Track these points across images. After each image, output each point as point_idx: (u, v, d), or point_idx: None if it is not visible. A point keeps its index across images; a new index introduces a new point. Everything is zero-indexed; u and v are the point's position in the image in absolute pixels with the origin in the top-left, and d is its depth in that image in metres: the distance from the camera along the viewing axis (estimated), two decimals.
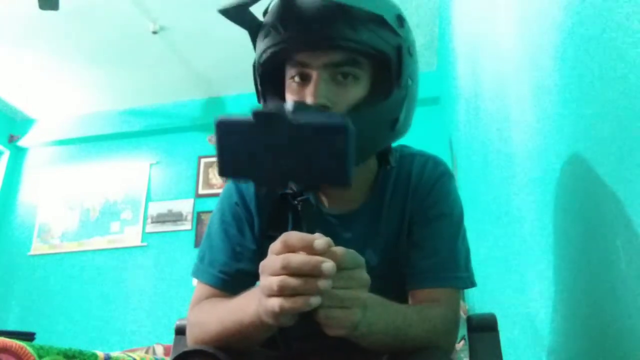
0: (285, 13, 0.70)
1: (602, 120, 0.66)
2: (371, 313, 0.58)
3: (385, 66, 0.73)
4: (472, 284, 0.80)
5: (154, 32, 3.56)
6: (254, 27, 0.76)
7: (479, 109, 1.82)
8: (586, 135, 0.73)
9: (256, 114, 0.52)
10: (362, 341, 0.62)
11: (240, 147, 0.53)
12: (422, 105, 3.95)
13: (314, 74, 0.71)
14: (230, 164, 0.54)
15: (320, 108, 0.69)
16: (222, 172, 0.55)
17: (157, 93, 4.37)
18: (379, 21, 0.71)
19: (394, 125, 0.74)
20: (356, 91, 0.72)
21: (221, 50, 3.80)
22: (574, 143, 0.78)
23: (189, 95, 4.43)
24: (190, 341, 0.75)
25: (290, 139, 0.52)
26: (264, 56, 0.73)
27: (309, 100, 0.70)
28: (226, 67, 4.02)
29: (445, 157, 3.24)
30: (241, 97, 4.33)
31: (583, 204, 0.76)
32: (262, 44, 0.73)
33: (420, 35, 3.71)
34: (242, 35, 0.79)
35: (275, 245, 0.54)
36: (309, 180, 0.54)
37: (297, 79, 0.73)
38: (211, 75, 4.15)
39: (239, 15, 0.74)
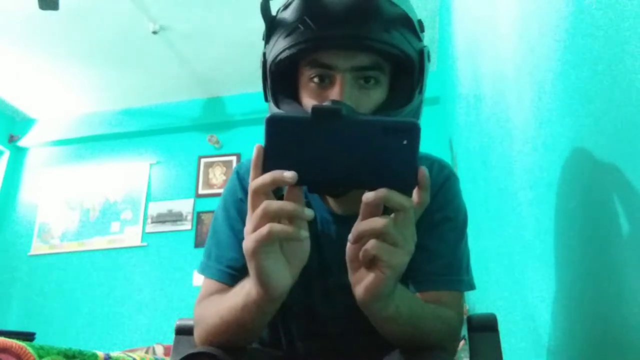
0: (316, 10, 0.67)
1: (602, 118, 0.66)
2: (400, 295, 0.58)
3: (405, 71, 0.72)
4: (472, 287, 0.81)
5: (154, 32, 3.56)
6: (269, 20, 0.73)
7: (479, 109, 1.82)
8: (586, 134, 0.73)
9: (316, 110, 0.48)
10: (387, 325, 0.61)
11: (292, 147, 0.49)
12: (423, 105, 3.94)
13: (339, 77, 0.68)
14: (279, 165, 0.49)
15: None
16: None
17: (157, 93, 4.37)
18: (408, 24, 0.70)
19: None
20: (378, 95, 0.71)
21: (221, 50, 3.80)
22: (574, 142, 0.78)
23: (189, 95, 4.43)
24: (196, 339, 0.75)
25: (353, 138, 0.48)
26: (286, 54, 0.69)
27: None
28: (226, 67, 4.02)
29: (445, 157, 3.25)
30: (241, 97, 4.33)
31: (583, 203, 0.76)
32: (283, 41, 0.70)
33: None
34: (242, 35, 0.79)
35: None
36: (370, 182, 0.50)
37: (316, 80, 0.70)
38: (211, 75, 4.15)
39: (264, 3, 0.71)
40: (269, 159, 0.50)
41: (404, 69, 0.72)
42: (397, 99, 0.72)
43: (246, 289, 0.59)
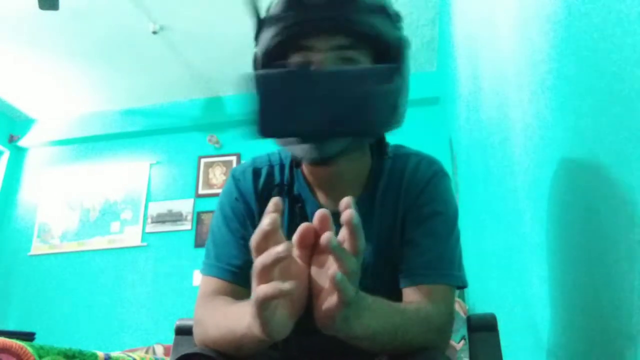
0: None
1: (601, 119, 0.66)
2: (369, 314, 0.58)
3: (384, 56, 0.75)
4: (464, 283, 0.80)
5: (154, 32, 3.56)
6: (257, 22, 0.77)
7: (479, 108, 1.82)
8: (586, 134, 0.73)
9: (301, 63, 0.51)
10: (361, 342, 0.62)
11: (282, 100, 0.51)
12: (422, 105, 3.97)
13: (319, 57, 0.72)
14: (271, 120, 0.51)
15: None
16: (264, 132, 0.52)
17: (157, 93, 4.37)
18: (382, 12, 0.75)
19: (394, 112, 0.75)
20: None
21: (221, 50, 3.80)
22: (574, 142, 0.78)
23: (189, 95, 4.43)
24: (195, 339, 0.76)
25: (336, 87, 0.51)
26: (272, 42, 0.74)
27: None
28: (226, 67, 4.02)
29: (445, 157, 3.25)
30: (241, 97, 4.33)
31: (583, 203, 0.76)
32: (269, 31, 0.74)
33: (420, 35, 3.70)
34: (242, 35, 0.80)
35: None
36: (356, 127, 0.53)
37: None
38: (211, 75, 4.15)
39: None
40: (261, 114, 0.51)
41: (385, 56, 0.76)
42: None
43: (247, 322, 0.57)
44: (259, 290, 0.50)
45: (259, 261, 0.51)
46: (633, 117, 0.56)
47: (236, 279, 0.80)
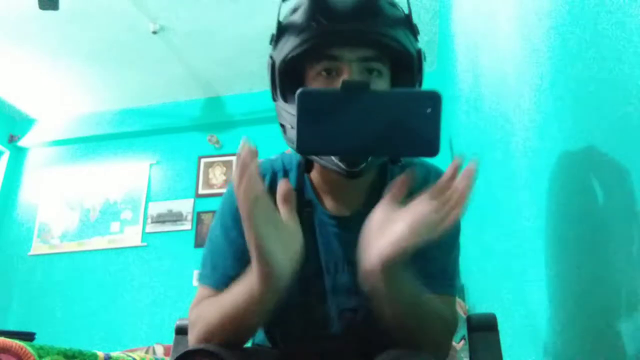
0: (326, 9, 0.72)
1: (601, 119, 0.66)
2: (405, 279, 0.62)
3: (404, 69, 0.76)
4: (458, 291, 0.83)
5: (154, 32, 3.56)
6: (277, 25, 0.77)
7: (479, 108, 1.82)
8: (585, 134, 0.73)
9: (345, 84, 0.51)
10: (386, 305, 0.64)
11: (323, 119, 0.51)
12: None
13: (346, 67, 0.72)
14: (310, 137, 0.52)
15: None
16: (302, 148, 0.53)
17: (157, 93, 4.37)
18: (406, 25, 0.76)
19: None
20: (381, 87, 0.75)
21: (221, 50, 3.80)
22: (574, 142, 0.78)
23: (189, 95, 4.43)
24: (192, 340, 0.75)
25: (380, 108, 0.51)
26: (296, 51, 0.73)
27: None
28: (226, 67, 4.02)
29: (445, 157, 3.24)
30: (241, 97, 4.33)
31: (583, 203, 0.76)
32: (295, 39, 0.74)
33: (420, 35, 3.69)
34: (242, 35, 0.79)
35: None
36: (396, 150, 0.54)
37: (324, 73, 0.74)
38: (211, 75, 4.15)
39: None
40: (302, 131, 0.52)
41: (403, 67, 0.76)
42: None
43: (248, 281, 0.62)
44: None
45: (238, 162, 0.56)
46: (633, 116, 0.56)
47: None
